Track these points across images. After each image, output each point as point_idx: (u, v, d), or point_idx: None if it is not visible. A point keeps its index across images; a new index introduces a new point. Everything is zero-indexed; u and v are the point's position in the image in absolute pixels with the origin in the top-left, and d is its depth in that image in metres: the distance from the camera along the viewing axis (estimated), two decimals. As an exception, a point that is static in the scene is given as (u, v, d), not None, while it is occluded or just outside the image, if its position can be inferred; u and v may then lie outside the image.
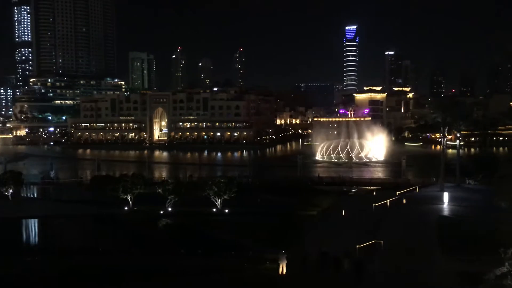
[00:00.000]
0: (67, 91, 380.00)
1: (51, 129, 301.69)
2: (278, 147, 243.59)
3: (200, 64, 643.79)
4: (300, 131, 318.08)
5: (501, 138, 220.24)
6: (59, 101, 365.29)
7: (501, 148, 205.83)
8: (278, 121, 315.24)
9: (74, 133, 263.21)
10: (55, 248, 51.58)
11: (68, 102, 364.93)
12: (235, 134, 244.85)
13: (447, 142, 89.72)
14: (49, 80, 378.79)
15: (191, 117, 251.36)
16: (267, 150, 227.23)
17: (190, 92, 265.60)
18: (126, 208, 70.98)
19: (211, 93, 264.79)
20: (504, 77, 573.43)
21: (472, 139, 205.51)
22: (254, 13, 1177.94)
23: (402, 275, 38.80)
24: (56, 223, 66.11)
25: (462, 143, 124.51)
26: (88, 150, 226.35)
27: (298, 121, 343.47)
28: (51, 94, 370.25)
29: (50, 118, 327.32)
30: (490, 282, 25.88)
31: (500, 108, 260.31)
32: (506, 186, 51.94)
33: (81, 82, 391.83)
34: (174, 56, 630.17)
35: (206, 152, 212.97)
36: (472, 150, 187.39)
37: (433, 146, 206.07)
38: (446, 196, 68.75)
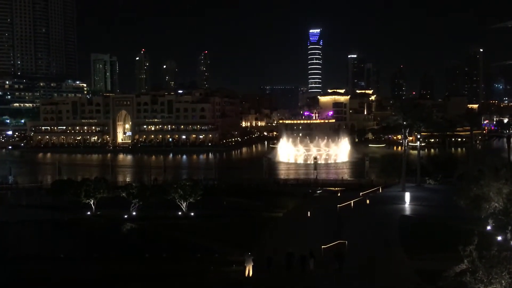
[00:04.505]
0: (26, 94, 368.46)
1: (9, 132, 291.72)
2: (244, 149, 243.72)
3: (164, 66, 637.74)
4: (265, 133, 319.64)
5: (459, 139, 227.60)
6: (17, 104, 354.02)
7: (459, 149, 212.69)
8: (243, 124, 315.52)
9: (33, 136, 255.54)
10: (13, 254, 49.82)
11: (27, 105, 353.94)
12: (201, 136, 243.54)
13: (409, 143, 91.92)
14: (7, 82, 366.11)
15: (156, 120, 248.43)
16: (233, 152, 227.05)
17: (154, 95, 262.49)
18: (88, 213, 69.39)
19: (176, 96, 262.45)
20: (462, 80, 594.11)
21: (432, 140, 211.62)
22: (219, 16, 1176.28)
23: (365, 274, 39.48)
24: (15, 229, 63.84)
25: (422, 144, 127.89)
26: (49, 154, 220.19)
27: (263, 123, 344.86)
28: (9, 97, 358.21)
29: (8, 121, 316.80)
30: (450, 279, 26.62)
31: (458, 110, 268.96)
32: (464, 186, 53.59)
33: (41, 84, 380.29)
34: (137, 58, 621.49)
35: (171, 155, 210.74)
36: (432, 151, 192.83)
37: (395, 147, 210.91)
38: (407, 196, 70.46)
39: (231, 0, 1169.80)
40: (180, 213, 67.26)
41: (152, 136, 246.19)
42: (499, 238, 45.42)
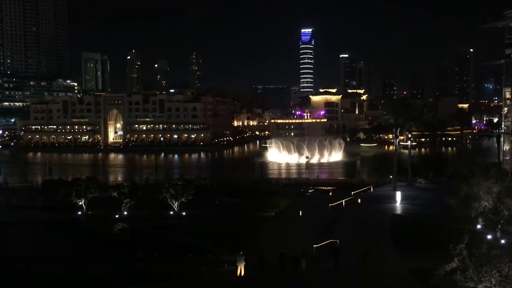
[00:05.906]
0: (16, 93, 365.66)
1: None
2: (236, 148, 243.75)
3: (156, 65, 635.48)
4: (257, 132, 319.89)
5: (449, 139, 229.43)
6: (7, 103, 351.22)
7: (449, 148, 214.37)
8: (235, 123, 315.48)
9: (23, 136, 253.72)
10: (3, 256, 49.39)
11: (17, 104, 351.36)
12: (192, 136, 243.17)
13: (400, 143, 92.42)
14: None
15: (147, 119, 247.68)
16: (225, 152, 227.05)
17: (146, 94, 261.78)
18: (79, 213, 68.99)
19: (167, 95, 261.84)
20: (452, 80, 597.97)
21: (423, 139, 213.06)
22: (212, 16, 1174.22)
23: (357, 273, 39.63)
24: (5, 230, 63.31)
25: (413, 143, 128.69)
26: (39, 154, 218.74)
27: (255, 123, 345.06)
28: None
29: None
30: (440, 278, 26.81)
31: (449, 109, 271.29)
32: (455, 184, 53.95)
33: (31, 83, 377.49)
34: (129, 57, 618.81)
35: (162, 154, 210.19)
36: (423, 150, 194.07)
37: (386, 147, 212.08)
38: (398, 195, 70.80)
39: (224, 0, 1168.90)
40: (171, 212, 67.10)
41: (144, 135, 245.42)
42: (489, 236, 45.79)
